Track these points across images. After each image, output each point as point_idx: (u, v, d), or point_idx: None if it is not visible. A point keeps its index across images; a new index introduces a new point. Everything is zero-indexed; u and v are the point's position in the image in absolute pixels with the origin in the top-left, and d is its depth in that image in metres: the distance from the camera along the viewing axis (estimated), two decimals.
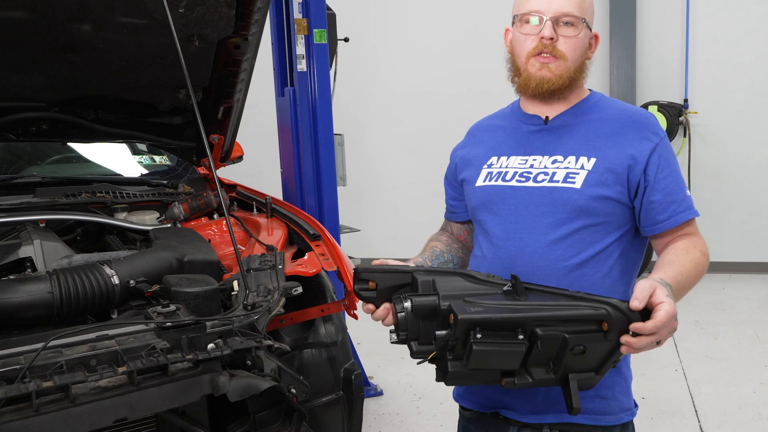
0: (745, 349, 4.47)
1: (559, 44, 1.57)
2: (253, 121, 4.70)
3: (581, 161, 1.58)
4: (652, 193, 1.56)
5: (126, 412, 1.44)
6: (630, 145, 1.56)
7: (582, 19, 1.57)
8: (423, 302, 1.41)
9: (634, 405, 1.75)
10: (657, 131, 1.60)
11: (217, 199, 2.74)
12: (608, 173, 1.55)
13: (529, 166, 1.62)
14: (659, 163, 1.56)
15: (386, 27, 6.50)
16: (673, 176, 1.58)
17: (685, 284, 1.48)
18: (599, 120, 1.62)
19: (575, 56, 1.58)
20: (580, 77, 1.62)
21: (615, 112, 1.63)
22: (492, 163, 1.69)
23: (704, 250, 1.58)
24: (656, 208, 1.57)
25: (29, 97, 2.62)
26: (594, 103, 1.66)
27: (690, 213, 1.58)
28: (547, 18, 1.56)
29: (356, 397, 2.14)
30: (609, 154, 1.56)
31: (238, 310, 1.76)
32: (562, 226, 1.57)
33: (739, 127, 5.96)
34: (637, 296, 1.30)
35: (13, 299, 1.74)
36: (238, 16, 2.46)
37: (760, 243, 6.07)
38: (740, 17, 5.83)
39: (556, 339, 1.33)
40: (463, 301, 1.37)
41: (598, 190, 1.55)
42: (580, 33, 1.57)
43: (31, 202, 2.51)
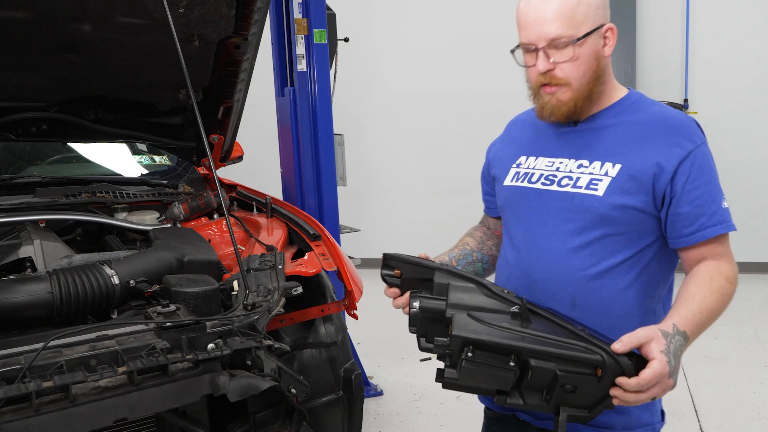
0: (745, 349, 4.47)
1: (557, 72, 1.49)
2: (253, 121, 4.70)
3: (606, 167, 1.51)
4: (679, 205, 1.47)
5: (126, 412, 1.44)
6: (658, 152, 1.48)
7: (575, 38, 1.46)
8: (430, 306, 1.44)
9: (660, 419, 1.67)
10: (693, 138, 1.50)
11: (217, 199, 2.74)
12: (632, 181, 1.48)
13: (555, 169, 1.58)
14: (690, 172, 1.47)
15: (386, 27, 6.50)
16: (707, 187, 1.47)
17: (707, 320, 1.42)
18: (631, 123, 1.53)
19: (579, 76, 1.49)
20: (598, 84, 1.52)
21: (649, 115, 1.54)
22: (520, 162, 1.66)
23: (730, 275, 1.47)
24: (683, 221, 1.48)
25: (29, 97, 2.62)
26: (630, 104, 1.57)
27: (720, 228, 1.47)
28: (540, 49, 1.48)
29: (356, 397, 2.14)
30: (635, 161, 1.48)
31: (238, 310, 1.76)
32: (581, 234, 1.52)
33: (739, 127, 5.96)
34: (622, 340, 1.30)
35: (13, 299, 1.74)
36: (238, 16, 2.46)
37: (760, 243, 6.07)
38: (740, 17, 5.83)
39: (548, 373, 1.34)
40: (467, 315, 1.39)
41: (620, 198, 1.48)
42: (576, 53, 1.47)
43: (31, 202, 2.51)
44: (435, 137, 6.40)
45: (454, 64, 6.32)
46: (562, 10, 1.45)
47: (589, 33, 1.47)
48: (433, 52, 6.41)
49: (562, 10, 1.45)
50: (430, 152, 6.46)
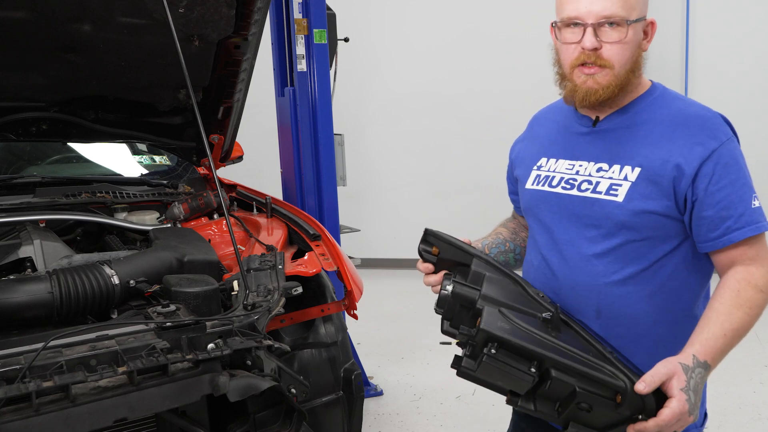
0: (745, 349, 4.45)
1: (603, 52, 1.41)
2: (253, 121, 4.70)
3: (625, 171, 1.45)
4: (703, 208, 1.40)
5: (126, 412, 1.44)
6: (678, 153, 1.41)
7: (628, 20, 1.39)
8: (463, 292, 1.42)
9: (701, 423, 1.64)
10: (717, 135, 1.42)
11: (217, 199, 2.74)
12: (652, 186, 1.42)
13: (575, 173, 1.53)
14: (713, 173, 1.39)
15: (386, 27, 6.50)
16: (733, 187, 1.40)
17: (732, 341, 1.39)
18: (651, 122, 1.47)
19: (623, 61, 1.42)
20: (633, 77, 1.46)
21: (671, 112, 1.47)
22: (541, 165, 1.62)
23: (761, 283, 1.40)
24: (708, 225, 1.41)
25: (29, 97, 2.62)
26: (651, 101, 1.50)
27: (749, 230, 1.40)
28: (589, 25, 1.40)
29: (356, 397, 2.14)
30: (654, 164, 1.42)
31: (238, 310, 1.76)
32: (603, 241, 1.47)
33: (739, 127, 5.88)
34: (645, 379, 1.28)
35: (13, 299, 1.74)
36: (238, 16, 2.46)
37: None
38: (740, 17, 5.83)
39: (567, 387, 1.32)
40: (498, 311, 1.37)
41: (641, 204, 1.42)
42: (627, 35, 1.40)
43: (31, 202, 2.51)
44: (435, 137, 6.40)
45: (454, 64, 6.32)
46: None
47: (639, 19, 1.42)
48: (433, 52, 6.41)
49: None
50: (430, 152, 6.45)
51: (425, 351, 4.29)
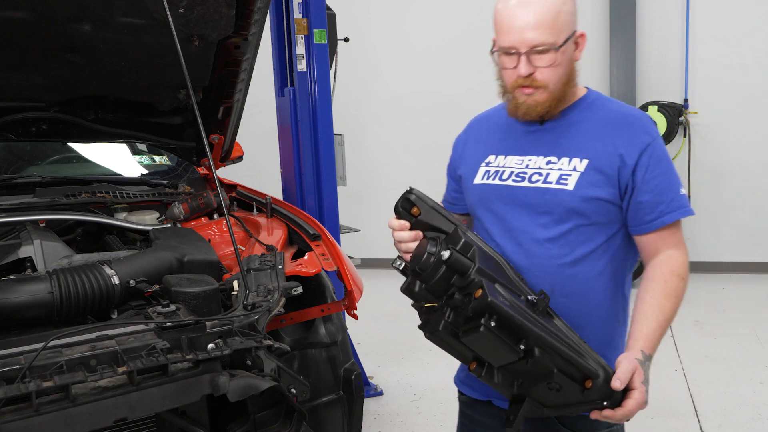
0: (745, 349, 4.47)
1: (537, 75, 1.56)
2: (253, 121, 4.70)
3: (574, 162, 1.59)
4: (640, 194, 1.57)
5: (126, 412, 1.44)
6: (621, 146, 1.57)
7: (556, 45, 1.53)
8: (460, 261, 1.46)
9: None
10: (649, 131, 1.60)
11: (217, 199, 2.74)
12: (599, 175, 1.57)
13: (525, 166, 1.65)
14: (649, 164, 1.56)
15: (386, 27, 6.50)
16: (664, 176, 1.57)
17: (665, 330, 1.53)
18: (593, 120, 1.62)
19: (556, 79, 1.57)
20: (570, 86, 1.62)
21: (609, 112, 1.63)
22: (489, 161, 1.73)
23: (682, 271, 1.57)
24: (644, 209, 1.57)
25: (29, 97, 2.62)
26: (590, 103, 1.66)
27: (679, 213, 1.58)
28: (522, 53, 1.54)
29: (356, 397, 2.14)
30: (601, 155, 1.58)
31: (238, 310, 1.76)
32: (555, 226, 1.60)
33: (739, 127, 5.96)
34: (619, 377, 1.40)
35: (13, 299, 1.74)
36: (238, 16, 2.46)
37: (760, 243, 6.07)
38: (740, 17, 5.83)
39: (546, 367, 1.40)
40: (494, 285, 1.43)
41: (589, 191, 1.57)
42: (557, 58, 1.54)
43: (31, 202, 2.51)
44: (435, 137, 6.37)
45: (454, 64, 6.32)
46: (545, 17, 1.51)
47: (567, 39, 1.55)
48: (433, 52, 6.41)
49: (544, 17, 1.51)
50: (430, 152, 6.43)
51: (425, 351, 4.29)
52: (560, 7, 1.53)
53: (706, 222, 6.10)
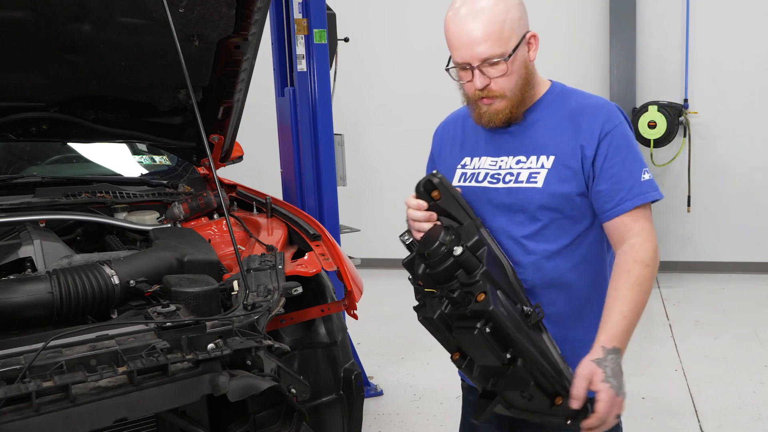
0: (745, 349, 4.47)
1: (493, 86, 1.59)
2: (253, 121, 4.70)
3: (541, 160, 1.63)
4: (599, 183, 1.59)
5: (126, 412, 1.44)
6: (582, 138, 1.60)
7: (505, 55, 1.55)
8: (469, 261, 1.50)
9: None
10: (611, 119, 1.61)
11: (217, 199, 2.74)
12: (566, 170, 1.61)
13: (498, 168, 1.69)
14: (608, 152, 1.58)
15: (386, 27, 6.50)
16: (625, 163, 1.58)
17: (633, 320, 1.53)
18: (556, 115, 1.65)
19: (512, 86, 1.60)
20: (529, 89, 1.64)
21: (572, 105, 1.65)
22: (465, 163, 1.76)
23: (646, 258, 1.56)
24: (603, 197, 1.60)
25: (29, 97, 2.62)
26: (553, 98, 1.68)
27: (639, 200, 1.58)
28: (475, 68, 1.57)
29: (356, 397, 2.14)
30: (566, 150, 1.61)
31: (238, 310, 1.76)
32: (530, 224, 1.64)
33: (739, 127, 5.96)
34: (574, 395, 1.46)
35: (13, 299, 1.74)
36: (238, 16, 2.46)
37: (760, 243, 6.06)
38: (741, 18, 5.83)
39: (524, 378, 1.47)
40: (498, 293, 1.47)
41: (558, 187, 1.61)
42: (509, 67, 1.57)
43: (31, 202, 2.51)
44: None
45: None
46: (491, 29, 1.54)
47: (517, 46, 1.57)
48: (433, 52, 6.36)
49: (490, 29, 1.54)
50: None
51: (425, 351, 4.29)
52: (505, 16, 1.55)
53: (706, 222, 6.10)
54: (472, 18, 1.54)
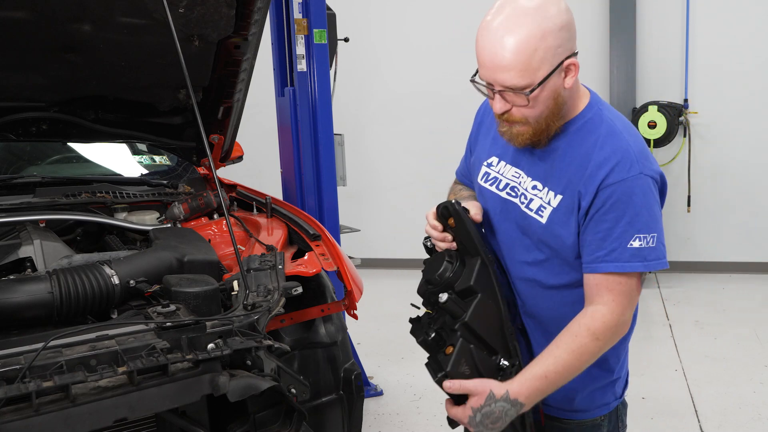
0: (745, 349, 4.47)
1: (514, 112, 1.45)
2: (253, 121, 4.69)
3: (550, 196, 1.52)
4: (585, 232, 1.47)
5: (126, 412, 1.44)
6: (583, 184, 1.46)
7: (530, 88, 1.38)
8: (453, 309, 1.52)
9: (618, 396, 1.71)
10: (622, 169, 1.43)
11: (217, 199, 2.74)
12: (569, 214, 1.49)
13: (518, 183, 1.59)
14: (603, 205, 1.44)
15: (386, 27, 6.50)
16: (617, 222, 1.43)
17: (555, 382, 1.46)
18: (577, 150, 1.50)
19: (536, 116, 1.44)
20: (557, 119, 1.47)
21: (594, 140, 1.48)
22: (492, 163, 1.66)
23: (600, 331, 1.45)
24: (585, 247, 1.48)
25: (29, 97, 2.62)
26: (582, 124, 1.51)
27: (613, 266, 1.44)
28: (496, 90, 1.43)
29: (356, 397, 2.14)
30: (573, 192, 1.48)
31: (238, 310, 1.76)
32: (533, 251, 1.57)
33: (739, 127, 5.96)
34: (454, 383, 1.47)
35: (13, 299, 1.74)
36: (238, 16, 2.46)
37: (760, 243, 6.06)
38: (741, 18, 5.82)
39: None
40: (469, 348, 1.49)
41: (559, 229, 1.50)
42: (532, 100, 1.41)
43: (31, 202, 2.51)
44: (435, 137, 6.39)
45: (454, 64, 6.31)
46: (519, 58, 1.36)
47: (548, 77, 1.40)
48: (433, 52, 6.40)
49: (518, 58, 1.36)
50: (430, 152, 6.45)
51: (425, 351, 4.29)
52: (537, 44, 1.36)
53: (706, 222, 6.10)
54: (502, 38, 1.36)
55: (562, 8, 1.39)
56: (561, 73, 1.42)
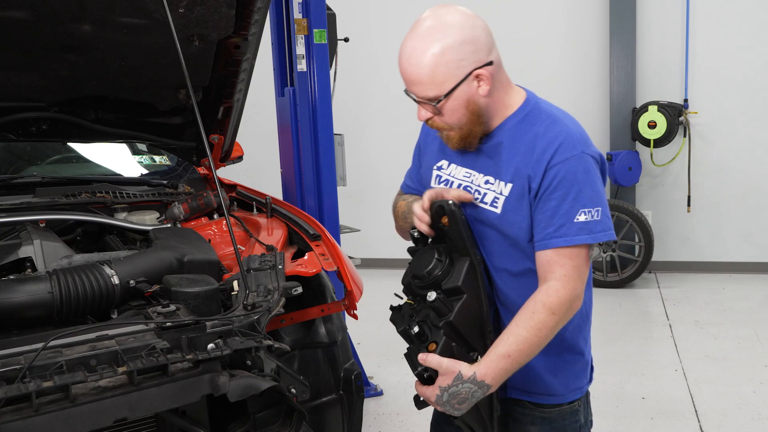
0: (745, 349, 4.47)
1: (436, 119, 1.58)
2: (253, 121, 4.69)
3: (501, 186, 1.60)
4: (535, 213, 1.56)
5: (126, 412, 1.44)
6: (531, 168, 1.55)
7: (438, 99, 1.52)
8: (440, 307, 1.54)
9: (589, 379, 1.80)
10: (565, 150, 1.53)
11: (217, 199, 2.74)
12: (521, 199, 1.57)
13: (470, 181, 1.66)
14: (550, 185, 1.53)
15: (386, 27, 6.50)
16: (562, 200, 1.52)
17: (517, 360, 1.51)
18: (520, 141, 1.59)
19: (456, 121, 1.56)
20: (478, 124, 1.58)
21: (536, 131, 1.58)
22: (441, 166, 1.74)
23: (555, 305, 1.51)
24: (536, 226, 1.56)
25: (29, 97, 2.62)
26: (522, 118, 1.61)
27: (563, 241, 1.52)
28: (416, 101, 1.56)
29: (356, 397, 2.14)
30: (522, 178, 1.57)
31: (238, 310, 1.76)
32: (495, 242, 1.64)
33: (739, 127, 5.96)
34: (429, 357, 1.51)
35: (13, 299, 1.74)
36: (238, 16, 2.46)
37: (760, 243, 6.06)
38: (741, 18, 5.83)
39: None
40: (452, 346, 1.53)
41: (513, 215, 1.58)
42: (445, 109, 1.54)
43: (31, 202, 2.51)
44: None
45: None
46: (423, 73, 1.50)
47: (454, 89, 1.51)
48: None
49: (422, 73, 1.50)
50: None
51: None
52: (437, 60, 1.48)
53: (706, 222, 6.10)
54: (410, 56, 1.51)
55: (465, 25, 1.51)
56: (472, 83, 1.53)
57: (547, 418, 1.71)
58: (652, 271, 6.19)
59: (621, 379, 4.03)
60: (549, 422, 1.71)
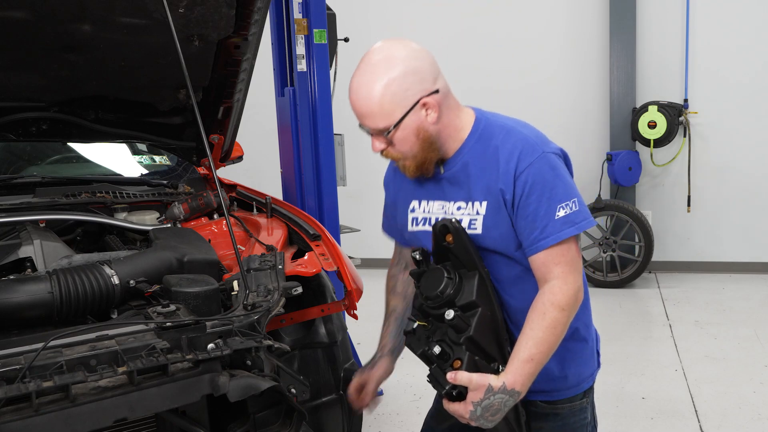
0: (745, 349, 4.47)
1: (390, 150, 1.63)
2: (253, 121, 4.69)
3: (476, 206, 1.64)
4: (516, 221, 1.60)
5: (126, 412, 1.44)
6: (501, 181, 1.59)
7: (388, 129, 1.57)
8: (458, 324, 1.56)
9: (598, 363, 1.86)
10: (525, 156, 1.58)
11: (217, 199, 2.74)
12: (498, 212, 1.61)
13: (445, 212, 1.70)
14: (523, 191, 1.57)
15: (386, 27, 6.50)
16: (538, 202, 1.57)
17: (541, 361, 1.55)
18: (483, 158, 1.63)
19: (408, 149, 1.61)
20: (431, 150, 1.63)
21: (495, 144, 1.62)
22: (414, 207, 1.78)
23: (563, 302, 1.56)
24: (521, 235, 1.60)
25: (29, 97, 2.62)
26: (477, 138, 1.66)
27: (551, 239, 1.57)
28: (370, 134, 1.62)
29: None
30: (495, 193, 1.60)
31: (238, 310, 1.76)
32: (485, 257, 1.65)
33: (739, 127, 5.96)
34: (458, 375, 1.52)
35: (13, 299, 1.74)
36: (238, 16, 2.46)
37: (760, 243, 6.06)
38: (741, 18, 5.82)
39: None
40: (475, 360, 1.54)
41: (495, 231, 1.62)
42: (395, 138, 1.59)
43: (31, 202, 2.51)
44: None
45: (453, 64, 6.30)
46: (372, 105, 1.56)
47: (402, 118, 1.57)
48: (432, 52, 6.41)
49: (371, 105, 1.56)
50: None
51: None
52: (383, 92, 1.54)
53: (706, 222, 6.10)
54: (358, 90, 1.58)
55: (408, 56, 1.57)
56: (420, 111, 1.58)
57: (559, 414, 1.75)
58: (652, 271, 6.18)
59: (621, 379, 4.03)
60: (561, 418, 1.75)
